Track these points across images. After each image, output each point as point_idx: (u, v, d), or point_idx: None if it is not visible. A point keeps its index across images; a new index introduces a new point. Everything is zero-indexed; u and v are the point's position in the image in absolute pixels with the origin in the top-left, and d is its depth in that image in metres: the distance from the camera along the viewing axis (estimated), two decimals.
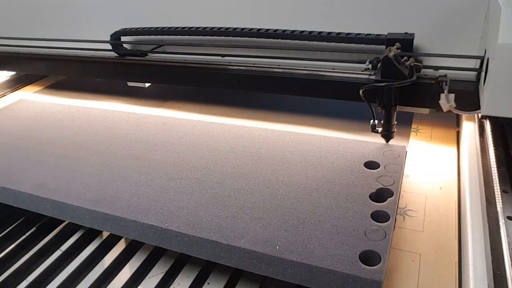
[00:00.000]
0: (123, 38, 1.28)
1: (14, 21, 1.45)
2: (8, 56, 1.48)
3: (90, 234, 0.91)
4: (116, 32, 1.26)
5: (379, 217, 0.75)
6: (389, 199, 0.79)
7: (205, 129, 1.09)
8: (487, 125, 0.91)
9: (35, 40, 1.40)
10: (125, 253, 0.85)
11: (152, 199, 0.83)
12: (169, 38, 1.22)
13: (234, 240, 0.71)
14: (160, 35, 1.22)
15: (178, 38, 1.21)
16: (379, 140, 0.99)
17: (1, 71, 1.61)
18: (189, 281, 0.78)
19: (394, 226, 0.76)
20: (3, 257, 0.87)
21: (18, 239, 0.92)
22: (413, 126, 1.16)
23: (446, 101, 0.92)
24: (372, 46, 1.00)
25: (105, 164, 0.96)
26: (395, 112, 0.97)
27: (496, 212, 0.68)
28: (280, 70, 1.11)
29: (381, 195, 0.81)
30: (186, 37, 1.18)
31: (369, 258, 0.67)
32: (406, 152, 0.97)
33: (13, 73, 1.66)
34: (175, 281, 0.79)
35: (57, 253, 0.88)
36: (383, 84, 0.91)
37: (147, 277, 0.80)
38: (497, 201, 0.70)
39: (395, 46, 0.91)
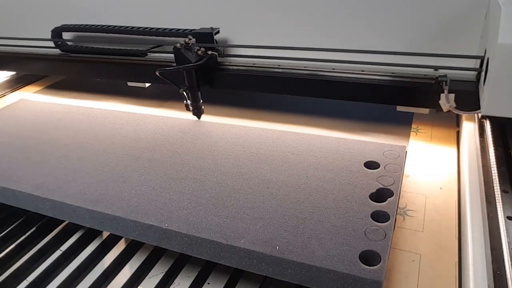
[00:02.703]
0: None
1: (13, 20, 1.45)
2: (8, 56, 1.48)
3: (90, 234, 0.91)
4: (56, 28, 1.30)
5: (379, 217, 0.75)
6: (389, 199, 0.79)
7: (205, 129, 1.09)
8: (487, 125, 0.91)
9: (34, 40, 1.40)
10: (125, 253, 0.85)
11: (152, 199, 0.83)
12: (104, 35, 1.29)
13: (234, 240, 0.71)
14: (98, 33, 1.27)
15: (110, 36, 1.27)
16: (379, 140, 0.99)
17: (1, 71, 1.61)
18: (189, 281, 0.77)
19: (394, 226, 0.76)
20: (3, 257, 0.87)
21: (18, 239, 0.92)
22: (413, 126, 1.16)
23: (446, 101, 0.93)
24: None
25: (105, 164, 0.96)
26: (199, 93, 1.15)
27: (496, 212, 0.68)
28: (280, 70, 1.12)
29: (381, 195, 0.81)
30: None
31: (369, 258, 0.67)
32: (406, 152, 0.97)
33: (13, 73, 1.66)
34: (175, 281, 0.79)
35: (57, 253, 0.88)
36: (171, 68, 1.09)
37: (147, 277, 0.80)
38: (497, 201, 0.70)
39: (187, 38, 1.08)
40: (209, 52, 1.11)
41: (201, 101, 1.17)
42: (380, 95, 1.04)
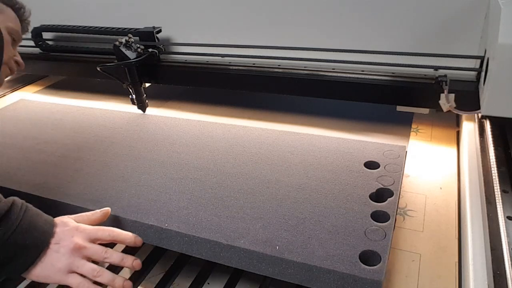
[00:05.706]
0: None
1: None
2: None
3: None
4: (36, 28, 1.34)
5: (379, 217, 0.75)
6: (389, 199, 0.79)
7: (205, 129, 1.09)
8: (487, 125, 0.90)
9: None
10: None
11: (152, 199, 0.83)
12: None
13: (234, 240, 0.71)
14: (76, 33, 1.32)
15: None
16: (379, 140, 0.99)
17: None
18: (189, 281, 0.77)
19: (394, 226, 0.76)
20: None
21: None
22: (413, 126, 1.16)
23: (446, 101, 0.93)
24: None
25: (105, 164, 0.96)
26: (142, 88, 1.20)
27: (496, 212, 0.68)
28: (280, 70, 1.12)
29: (381, 195, 0.81)
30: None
31: (369, 258, 0.67)
32: (406, 152, 0.97)
33: None
34: (175, 281, 0.79)
35: None
36: (112, 64, 1.15)
37: (147, 277, 0.80)
38: (497, 201, 0.70)
39: (127, 36, 1.14)
40: (150, 50, 1.17)
41: (145, 95, 1.22)
42: (380, 95, 1.04)
